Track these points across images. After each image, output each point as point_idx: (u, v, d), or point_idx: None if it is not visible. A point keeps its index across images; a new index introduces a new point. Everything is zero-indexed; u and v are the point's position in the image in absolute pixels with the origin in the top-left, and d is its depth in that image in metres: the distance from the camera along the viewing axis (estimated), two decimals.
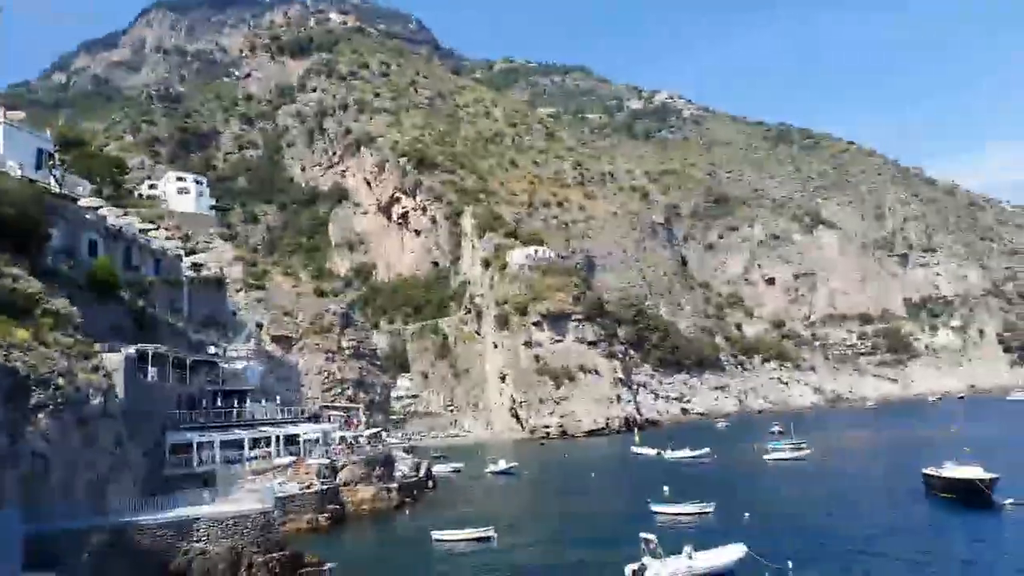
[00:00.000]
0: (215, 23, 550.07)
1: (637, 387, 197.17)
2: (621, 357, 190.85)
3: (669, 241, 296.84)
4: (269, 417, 68.61)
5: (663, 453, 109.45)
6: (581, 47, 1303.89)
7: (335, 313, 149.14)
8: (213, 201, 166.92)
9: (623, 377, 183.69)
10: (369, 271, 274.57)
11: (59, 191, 60.21)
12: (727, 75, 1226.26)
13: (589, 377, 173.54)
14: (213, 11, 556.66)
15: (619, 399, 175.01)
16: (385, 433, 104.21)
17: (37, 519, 33.22)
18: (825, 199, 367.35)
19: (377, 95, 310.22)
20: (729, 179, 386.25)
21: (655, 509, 60.66)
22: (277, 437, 64.66)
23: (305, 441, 66.55)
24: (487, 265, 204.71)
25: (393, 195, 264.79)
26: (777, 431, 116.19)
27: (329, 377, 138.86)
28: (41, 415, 34.07)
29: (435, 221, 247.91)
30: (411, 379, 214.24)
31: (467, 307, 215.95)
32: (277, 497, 48.25)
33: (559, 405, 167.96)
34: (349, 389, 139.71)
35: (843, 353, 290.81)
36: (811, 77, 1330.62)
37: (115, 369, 44.96)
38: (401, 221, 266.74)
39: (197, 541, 38.79)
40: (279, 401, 74.07)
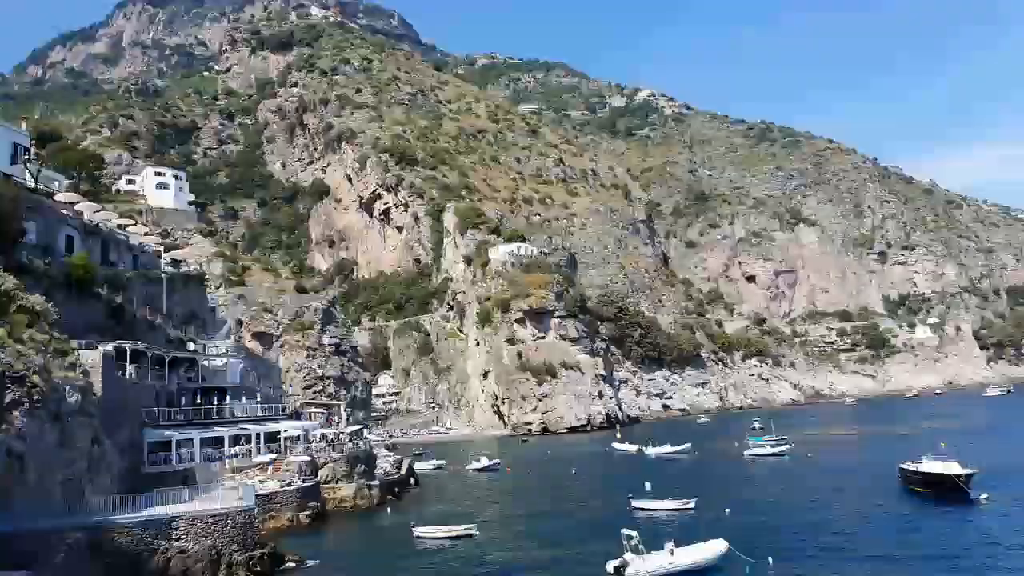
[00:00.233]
0: (194, 17, 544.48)
1: (619, 384, 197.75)
2: (603, 354, 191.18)
3: (651, 238, 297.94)
4: (249, 414, 68.00)
5: (644, 449, 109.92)
6: (562, 44, 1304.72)
7: (316, 310, 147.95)
8: (192, 196, 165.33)
9: (605, 374, 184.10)
10: (350, 268, 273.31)
11: (35, 186, 59.32)
12: (709, 73, 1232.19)
13: (571, 374, 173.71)
14: (192, 4, 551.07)
15: (601, 396, 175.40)
16: (366, 430, 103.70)
17: (12, 518, 32.77)
18: (805, 197, 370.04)
19: (359, 90, 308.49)
20: (710, 177, 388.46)
21: (636, 505, 60.94)
22: (257, 435, 64.14)
23: (286, 439, 66.07)
24: (469, 262, 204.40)
25: (375, 191, 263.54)
26: (757, 427, 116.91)
27: (310, 374, 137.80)
28: (16, 413, 33.56)
29: (417, 218, 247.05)
30: (393, 376, 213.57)
31: (449, 304, 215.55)
32: (257, 495, 47.90)
33: (541, 402, 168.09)
34: (330, 386, 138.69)
35: (822, 350, 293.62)
36: (792, 75, 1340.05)
37: (92, 366, 44.39)
38: (383, 217, 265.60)
39: (176, 540, 38.43)
40: (259, 398, 73.46)
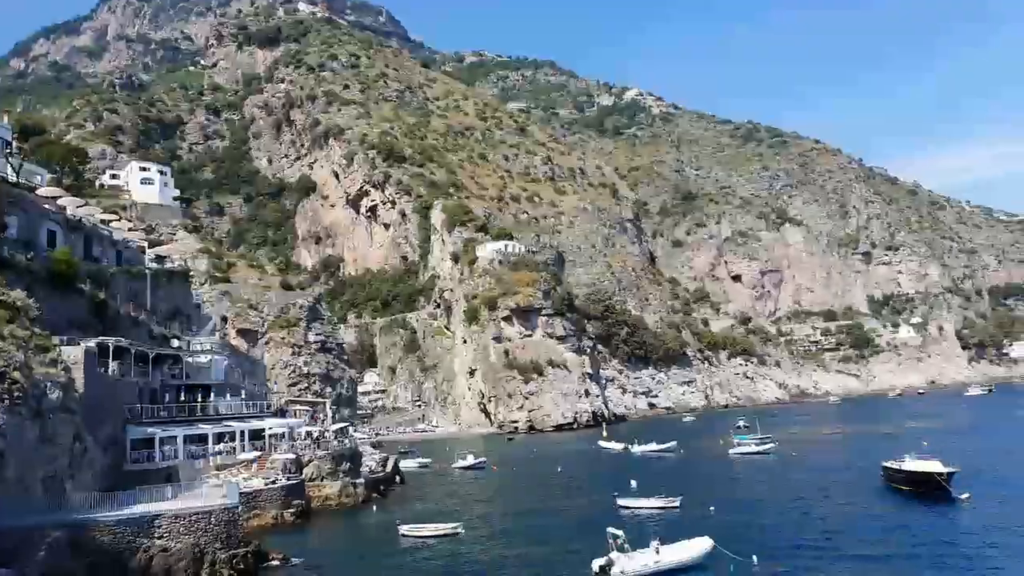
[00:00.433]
0: (180, 11, 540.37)
1: (605, 382, 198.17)
2: (590, 352, 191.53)
3: (638, 237, 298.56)
4: (234, 412, 67.56)
5: (630, 447, 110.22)
6: (551, 42, 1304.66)
7: (302, 307, 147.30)
8: (177, 192, 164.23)
9: (591, 372, 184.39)
10: (337, 264, 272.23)
11: (16, 180, 58.62)
12: (698, 70, 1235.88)
13: (558, 372, 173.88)
14: None
15: (587, 394, 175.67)
16: (352, 428, 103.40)
17: None
18: (791, 197, 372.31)
19: (346, 87, 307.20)
20: (697, 176, 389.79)
21: (622, 503, 61.06)
22: (242, 432, 63.73)
23: (270, 436, 65.72)
24: (456, 259, 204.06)
25: (362, 188, 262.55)
26: (742, 425, 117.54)
27: (295, 371, 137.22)
28: None
29: (404, 215, 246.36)
30: (379, 374, 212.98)
31: (436, 302, 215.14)
32: (241, 493, 47.59)
33: (528, 400, 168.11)
34: (315, 384, 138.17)
35: (807, 349, 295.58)
36: (782, 72, 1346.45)
37: (74, 362, 43.91)
38: (370, 214, 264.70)
39: (158, 538, 38.10)
40: (244, 395, 73.00)
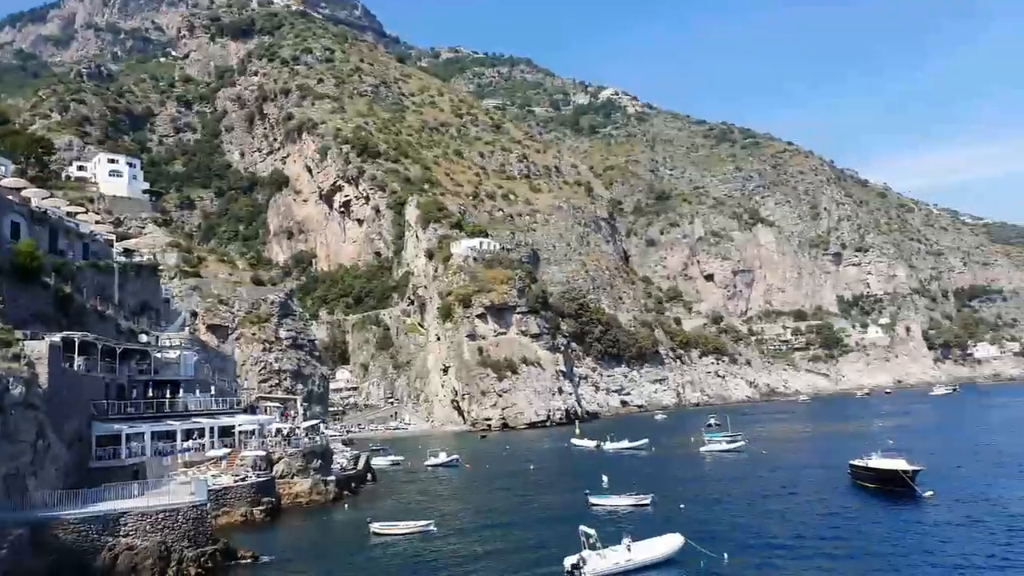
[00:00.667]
0: (150, 0, 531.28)
1: (579, 380, 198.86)
2: (564, 350, 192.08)
3: (612, 236, 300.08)
4: (203, 408, 66.67)
5: (602, 445, 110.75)
6: (528, 40, 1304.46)
7: (273, 302, 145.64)
8: (147, 185, 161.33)
9: (565, 370, 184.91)
10: (309, 260, 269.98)
11: None
12: (675, 67, 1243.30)
13: (531, 370, 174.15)
14: None
15: (561, 392, 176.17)
16: (323, 425, 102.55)
17: None
18: (764, 198, 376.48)
19: (320, 81, 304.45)
20: (671, 176, 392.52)
21: (593, 501, 61.24)
22: (211, 428, 62.93)
23: (240, 433, 64.92)
24: (431, 256, 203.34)
25: (335, 183, 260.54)
26: (713, 423, 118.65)
27: (266, 368, 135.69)
28: None
29: (378, 211, 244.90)
30: (351, 371, 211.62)
31: (409, 298, 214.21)
32: (210, 490, 47.09)
33: (501, 397, 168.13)
34: (287, 380, 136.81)
35: (778, 348, 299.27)
36: (754, 77, 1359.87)
37: (38, 357, 43.01)
38: (343, 210, 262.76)
39: (124, 536, 37.51)
40: (213, 392, 72.03)
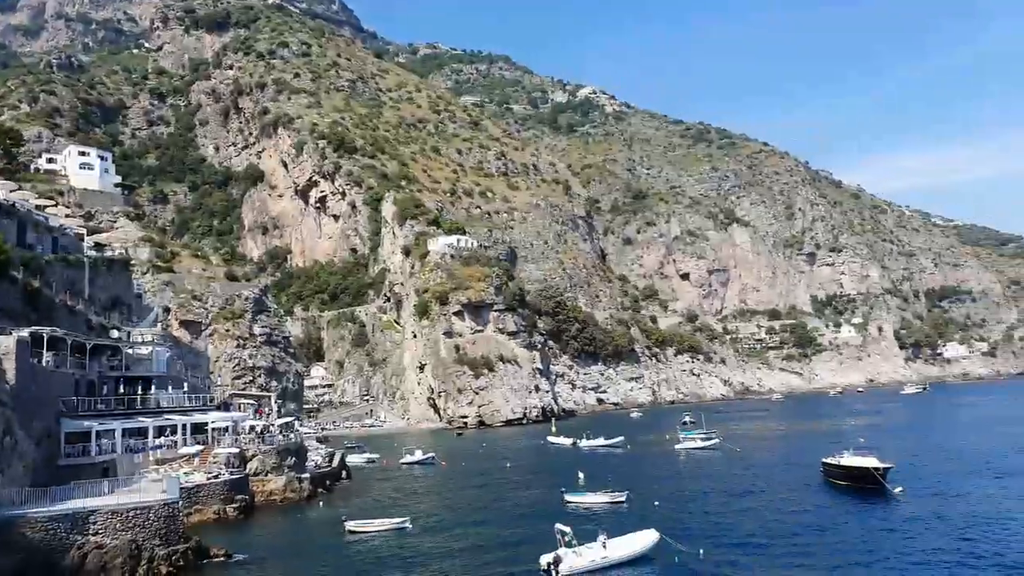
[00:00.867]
0: None
1: (555, 377, 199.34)
2: (540, 348, 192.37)
3: (589, 234, 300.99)
4: (176, 405, 65.94)
5: (578, 443, 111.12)
6: (506, 37, 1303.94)
7: (247, 298, 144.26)
8: (119, 178, 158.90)
9: (542, 368, 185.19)
10: (284, 256, 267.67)
11: None
12: (649, 73, 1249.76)
13: (508, 367, 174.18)
14: None
15: (537, 389, 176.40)
16: (298, 422, 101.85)
17: None
18: (739, 198, 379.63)
19: (296, 75, 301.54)
20: (648, 175, 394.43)
21: (569, 499, 61.38)
22: (184, 425, 62.16)
23: (213, 430, 64.23)
24: (407, 253, 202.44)
25: (311, 178, 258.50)
26: (688, 421, 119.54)
27: (240, 364, 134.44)
28: None
29: (354, 206, 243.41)
30: (326, 368, 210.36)
31: (386, 295, 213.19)
32: (182, 487, 46.56)
33: (478, 395, 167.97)
34: (261, 377, 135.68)
35: (752, 347, 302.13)
36: (730, 79, 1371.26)
37: (5, 353, 42.22)
38: (319, 205, 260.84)
39: (93, 534, 36.92)
40: (186, 388, 71.19)
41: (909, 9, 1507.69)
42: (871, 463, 61.71)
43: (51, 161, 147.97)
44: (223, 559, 43.48)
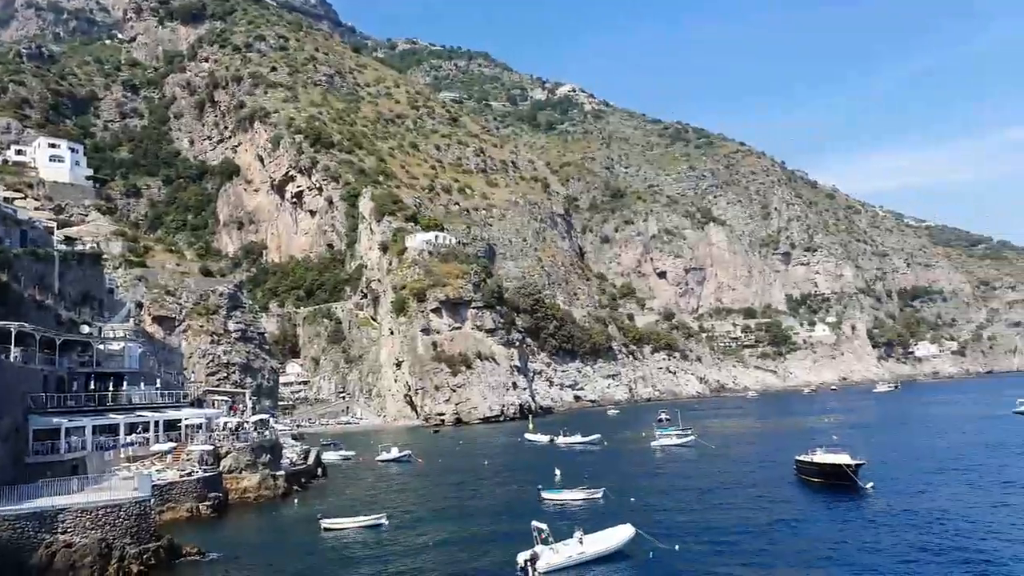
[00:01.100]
0: None
1: (533, 375, 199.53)
2: (518, 345, 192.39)
3: (568, 232, 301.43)
4: (148, 401, 65.06)
5: (555, 440, 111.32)
6: (486, 33, 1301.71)
7: (222, 294, 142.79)
8: (90, 171, 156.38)
9: (520, 365, 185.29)
10: (259, 251, 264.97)
11: None
12: (627, 72, 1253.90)
13: (486, 364, 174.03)
14: None
15: (515, 386, 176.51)
16: (273, 419, 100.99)
17: None
18: (716, 197, 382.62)
19: (273, 69, 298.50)
20: (626, 174, 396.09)
21: (546, 496, 61.50)
22: (156, 422, 61.41)
23: (187, 427, 63.53)
24: (385, 249, 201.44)
25: (287, 173, 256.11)
26: (664, 418, 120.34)
27: (214, 361, 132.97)
28: None
29: (331, 202, 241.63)
30: (302, 364, 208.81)
31: (363, 292, 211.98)
32: (154, 485, 46.01)
33: (455, 392, 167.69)
34: (235, 374, 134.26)
35: (728, 345, 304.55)
36: (707, 79, 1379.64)
37: None
38: (295, 201, 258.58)
39: (62, 533, 36.32)
40: (159, 385, 70.30)
41: (907, 9, 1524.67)
42: (843, 460, 62.56)
43: (20, 153, 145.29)
44: (196, 558, 42.97)
